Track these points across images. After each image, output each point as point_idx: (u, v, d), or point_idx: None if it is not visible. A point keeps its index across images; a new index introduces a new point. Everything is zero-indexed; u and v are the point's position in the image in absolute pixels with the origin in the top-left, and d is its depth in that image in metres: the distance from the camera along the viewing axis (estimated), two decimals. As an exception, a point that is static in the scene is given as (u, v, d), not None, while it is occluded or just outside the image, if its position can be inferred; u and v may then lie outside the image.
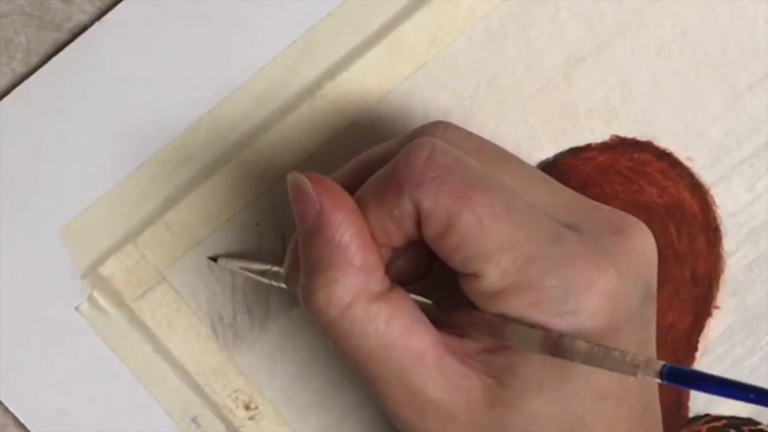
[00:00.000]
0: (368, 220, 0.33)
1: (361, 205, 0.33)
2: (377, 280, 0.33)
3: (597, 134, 0.40)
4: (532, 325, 0.31)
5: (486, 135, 0.39)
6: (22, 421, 0.40)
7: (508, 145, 0.39)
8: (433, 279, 0.35)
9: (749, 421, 0.41)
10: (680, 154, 0.40)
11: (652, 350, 0.34)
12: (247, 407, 0.40)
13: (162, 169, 0.39)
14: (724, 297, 0.41)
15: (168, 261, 0.39)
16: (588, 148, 0.40)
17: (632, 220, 0.34)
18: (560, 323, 0.31)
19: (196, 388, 0.40)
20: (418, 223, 0.32)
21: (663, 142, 0.40)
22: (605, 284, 0.31)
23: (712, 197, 0.41)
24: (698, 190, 0.40)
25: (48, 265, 0.39)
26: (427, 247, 0.33)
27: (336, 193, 0.33)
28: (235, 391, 0.40)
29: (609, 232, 0.33)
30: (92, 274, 0.39)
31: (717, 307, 0.41)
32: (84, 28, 0.39)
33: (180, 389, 0.40)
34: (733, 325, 0.41)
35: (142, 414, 0.40)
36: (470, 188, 0.31)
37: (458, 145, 0.33)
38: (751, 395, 0.26)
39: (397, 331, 0.32)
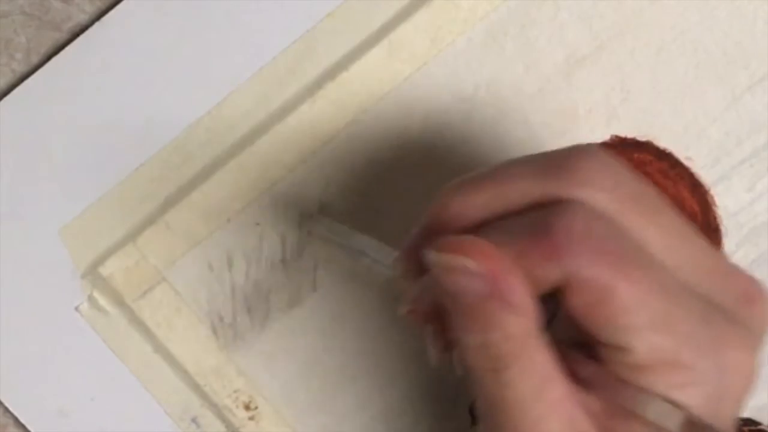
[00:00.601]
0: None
1: (494, 245, 0.31)
2: (539, 322, 0.32)
3: (597, 134, 0.40)
4: (677, 405, 0.31)
5: (486, 135, 0.39)
6: (22, 421, 0.40)
7: (508, 145, 0.39)
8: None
9: (749, 421, 0.41)
10: (680, 154, 0.40)
11: None
12: (247, 407, 0.40)
13: (162, 169, 0.39)
14: (724, 297, 0.41)
15: (168, 261, 0.39)
16: (588, 148, 0.40)
17: (758, 286, 0.34)
18: (706, 406, 0.31)
19: (196, 388, 0.40)
20: (556, 288, 0.31)
21: (663, 142, 0.40)
22: (752, 366, 0.31)
23: (712, 197, 0.41)
24: (698, 190, 0.40)
25: (48, 265, 0.39)
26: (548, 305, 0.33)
27: (503, 259, 0.31)
28: (235, 391, 0.40)
29: (743, 305, 0.33)
30: (92, 274, 0.39)
31: (717, 307, 0.41)
32: (84, 28, 0.39)
33: (180, 389, 0.40)
34: (733, 325, 0.41)
35: (142, 414, 0.40)
36: (628, 262, 0.31)
37: (612, 189, 0.32)
38: None
39: (543, 375, 0.31)
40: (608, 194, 0.32)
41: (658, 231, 0.32)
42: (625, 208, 0.32)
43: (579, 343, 0.32)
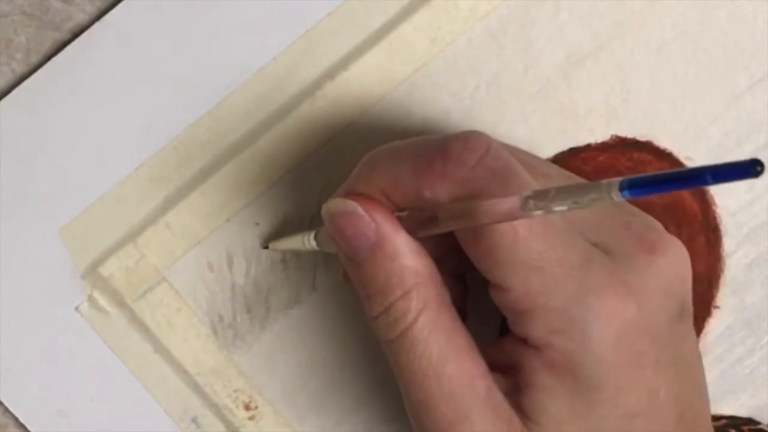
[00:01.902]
0: (395, 185, 0.32)
1: (387, 165, 0.33)
2: (442, 286, 0.33)
3: (597, 134, 0.40)
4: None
5: (486, 135, 0.39)
6: (22, 421, 0.40)
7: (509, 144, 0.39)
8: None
9: (749, 421, 0.41)
10: (680, 154, 0.40)
11: (692, 365, 0.34)
12: (247, 407, 0.40)
13: (162, 169, 0.39)
14: (724, 297, 0.41)
15: (168, 261, 0.39)
16: (588, 148, 0.40)
17: (665, 237, 0.34)
18: (582, 351, 0.31)
19: (196, 388, 0.40)
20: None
21: (663, 142, 0.40)
22: (628, 314, 0.31)
23: (712, 197, 0.41)
24: (698, 190, 0.40)
25: (48, 265, 0.39)
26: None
27: (386, 210, 0.33)
28: (235, 391, 0.40)
29: (640, 251, 0.33)
30: (92, 274, 0.39)
31: (717, 307, 0.41)
32: (84, 28, 0.39)
33: (180, 389, 0.40)
34: (733, 324, 0.41)
35: (142, 414, 0.40)
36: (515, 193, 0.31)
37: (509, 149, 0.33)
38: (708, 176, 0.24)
39: (454, 348, 0.32)
40: (506, 150, 0.32)
41: (553, 180, 0.33)
42: (518, 157, 0.33)
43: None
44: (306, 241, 0.37)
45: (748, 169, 0.23)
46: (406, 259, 0.32)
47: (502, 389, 0.33)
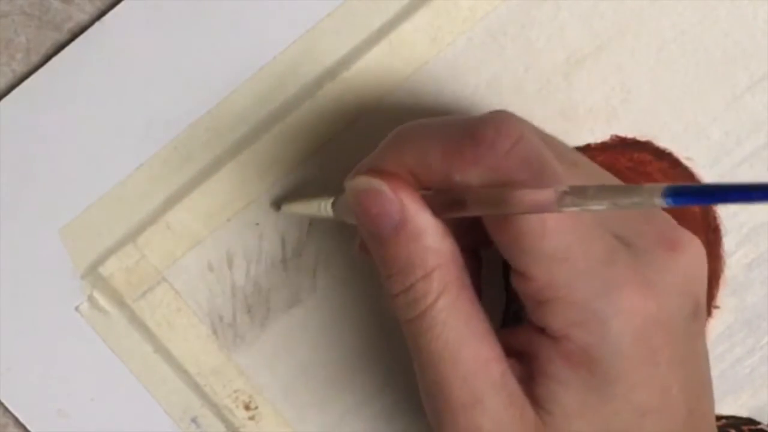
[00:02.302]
0: (423, 165, 0.32)
1: (416, 144, 0.32)
2: (463, 269, 0.33)
3: (597, 134, 0.40)
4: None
5: (486, 135, 0.39)
6: (22, 421, 0.40)
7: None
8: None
9: (749, 421, 0.41)
10: (680, 154, 0.40)
11: (702, 364, 0.35)
12: (247, 407, 0.40)
13: (162, 169, 0.39)
14: (724, 297, 0.41)
15: (168, 261, 0.39)
16: (588, 148, 0.40)
17: (686, 235, 0.34)
18: (600, 346, 0.31)
19: (196, 388, 0.40)
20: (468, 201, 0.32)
21: (663, 142, 0.40)
22: (648, 311, 0.31)
23: (712, 197, 0.41)
24: (699, 190, 0.40)
25: (48, 265, 0.39)
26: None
27: (412, 190, 0.32)
28: (235, 391, 0.40)
29: (662, 248, 0.33)
30: (92, 274, 0.39)
31: (717, 307, 0.41)
32: (84, 28, 0.39)
33: (180, 389, 0.40)
34: (733, 324, 0.41)
35: (142, 414, 0.40)
36: (545, 183, 0.31)
37: (540, 136, 0.33)
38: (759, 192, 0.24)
39: (471, 332, 0.32)
40: (537, 136, 0.32)
41: (580, 175, 0.33)
42: (547, 142, 0.32)
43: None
44: (323, 208, 0.36)
45: None
46: (430, 240, 0.32)
47: (516, 376, 0.33)
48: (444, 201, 0.32)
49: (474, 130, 0.32)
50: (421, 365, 0.33)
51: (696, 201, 0.25)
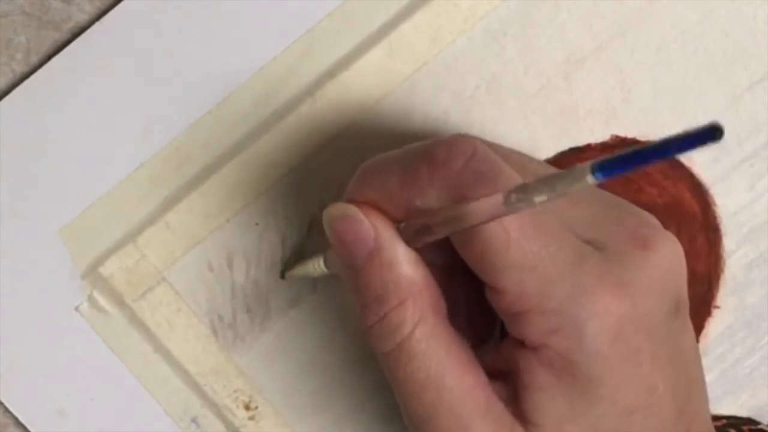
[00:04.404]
0: (386, 198, 0.32)
1: (377, 178, 0.33)
2: (439, 297, 0.33)
3: (597, 134, 0.40)
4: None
5: (486, 135, 0.39)
6: (22, 421, 0.40)
7: (508, 145, 0.39)
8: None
9: (749, 421, 0.41)
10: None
11: (690, 360, 0.34)
12: (247, 407, 0.40)
13: (162, 169, 0.39)
14: (724, 296, 0.41)
15: (168, 261, 0.39)
16: (588, 148, 0.40)
17: (658, 232, 0.34)
18: (579, 349, 0.31)
19: (196, 388, 0.40)
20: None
21: (663, 142, 0.40)
22: (622, 311, 0.31)
23: (712, 197, 0.41)
24: (698, 190, 0.40)
25: (48, 265, 0.39)
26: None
27: (383, 217, 0.33)
28: (235, 391, 0.40)
29: (634, 247, 0.33)
30: (92, 274, 0.39)
31: (717, 307, 0.41)
32: (84, 28, 0.39)
33: (180, 389, 0.40)
34: (733, 324, 0.41)
35: (142, 414, 0.40)
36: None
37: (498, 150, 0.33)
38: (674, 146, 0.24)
39: (452, 360, 0.32)
40: (492, 150, 0.32)
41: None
42: (509, 157, 0.33)
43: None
44: (316, 266, 0.37)
45: (708, 134, 0.23)
46: (403, 268, 0.32)
47: (502, 398, 0.33)
48: (413, 229, 0.32)
49: (428, 153, 0.32)
50: (404, 397, 0.33)
51: (622, 169, 0.25)
